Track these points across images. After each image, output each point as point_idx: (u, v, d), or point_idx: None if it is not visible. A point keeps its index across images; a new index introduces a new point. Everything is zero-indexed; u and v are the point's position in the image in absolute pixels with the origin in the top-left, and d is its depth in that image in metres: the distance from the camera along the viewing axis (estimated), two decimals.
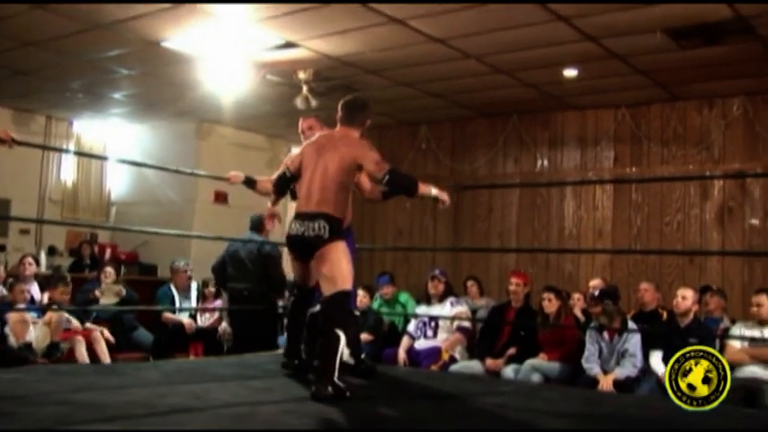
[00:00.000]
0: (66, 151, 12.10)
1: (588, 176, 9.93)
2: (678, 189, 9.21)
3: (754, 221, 8.72)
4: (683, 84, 8.66)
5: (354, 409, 4.10)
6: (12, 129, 10.71)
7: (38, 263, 9.52)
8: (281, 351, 5.74)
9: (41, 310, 7.77)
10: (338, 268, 4.56)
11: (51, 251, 11.51)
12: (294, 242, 4.71)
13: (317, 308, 5.02)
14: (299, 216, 4.65)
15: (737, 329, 6.69)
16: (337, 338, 4.36)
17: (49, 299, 8.17)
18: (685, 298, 6.81)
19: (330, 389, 4.23)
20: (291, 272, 5.16)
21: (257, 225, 7.67)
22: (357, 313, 5.91)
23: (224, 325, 9.24)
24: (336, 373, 4.31)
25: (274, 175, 5.17)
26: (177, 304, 9.07)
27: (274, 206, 5.25)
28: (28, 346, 7.33)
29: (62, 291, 8.06)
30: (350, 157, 4.65)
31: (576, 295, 8.02)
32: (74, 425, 3.20)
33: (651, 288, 7.73)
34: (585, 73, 8.36)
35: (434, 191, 4.84)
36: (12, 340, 7.20)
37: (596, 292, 7.07)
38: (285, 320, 5.31)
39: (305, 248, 4.65)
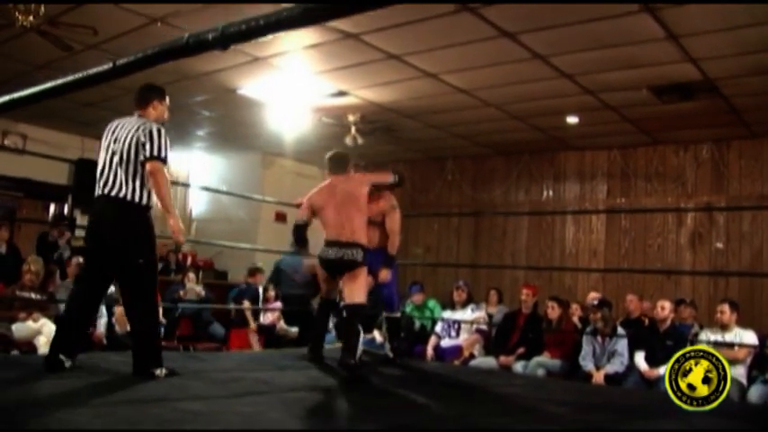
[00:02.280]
0: None
1: (585, 206, 9.89)
2: (658, 217, 9.17)
3: (719, 245, 8.70)
4: (663, 131, 8.64)
5: (390, 394, 4.17)
6: None
7: None
8: (333, 346, 5.89)
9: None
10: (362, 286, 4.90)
11: None
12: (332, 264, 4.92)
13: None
14: (336, 244, 4.84)
15: (704, 334, 6.65)
16: (358, 331, 4.72)
17: None
18: (664, 308, 6.82)
19: (352, 361, 4.59)
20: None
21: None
22: (399, 315, 5.99)
23: (282, 323, 9.32)
24: (357, 353, 4.68)
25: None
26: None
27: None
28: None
29: None
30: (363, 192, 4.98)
31: (574, 305, 8.00)
32: (169, 401, 3.31)
33: (636, 299, 7.74)
34: (585, 120, 8.35)
35: None
36: (117, 329, 7.37)
37: (595, 302, 7.07)
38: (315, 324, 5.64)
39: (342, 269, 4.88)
